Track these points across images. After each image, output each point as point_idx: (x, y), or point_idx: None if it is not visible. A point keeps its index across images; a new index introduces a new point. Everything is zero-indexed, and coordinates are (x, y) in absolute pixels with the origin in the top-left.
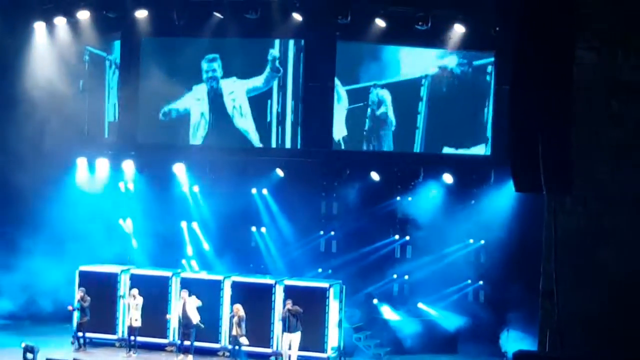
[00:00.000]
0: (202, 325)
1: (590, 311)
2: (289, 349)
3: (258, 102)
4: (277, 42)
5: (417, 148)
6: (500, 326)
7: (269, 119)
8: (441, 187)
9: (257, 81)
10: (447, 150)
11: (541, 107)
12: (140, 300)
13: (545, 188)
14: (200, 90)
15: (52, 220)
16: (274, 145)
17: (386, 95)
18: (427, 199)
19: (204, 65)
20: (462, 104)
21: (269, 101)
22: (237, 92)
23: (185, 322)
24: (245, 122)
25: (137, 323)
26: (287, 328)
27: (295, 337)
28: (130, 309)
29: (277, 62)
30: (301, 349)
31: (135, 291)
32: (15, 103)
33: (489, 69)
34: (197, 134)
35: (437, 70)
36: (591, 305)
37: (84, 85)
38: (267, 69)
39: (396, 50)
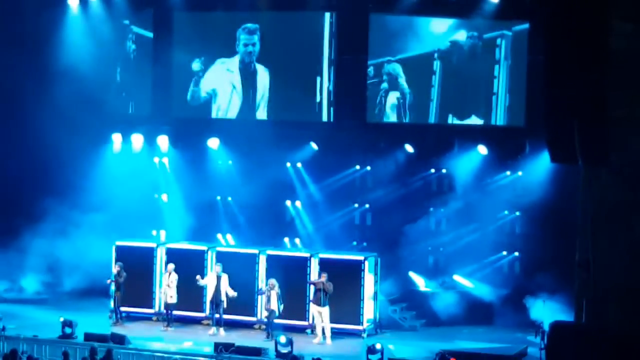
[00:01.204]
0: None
1: (625, 282)
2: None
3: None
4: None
5: (431, 119)
6: (536, 297)
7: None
8: (476, 159)
9: None
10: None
11: (576, 78)
12: (174, 277)
13: (580, 159)
14: (233, 63)
15: (90, 195)
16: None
17: (399, 69)
18: (462, 170)
19: (242, 36)
20: (473, 77)
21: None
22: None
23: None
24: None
25: (173, 300)
26: (316, 301)
27: (324, 311)
28: (164, 285)
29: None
30: (337, 321)
31: (170, 267)
32: (50, 78)
33: (498, 41)
34: (230, 108)
35: (449, 44)
36: (626, 276)
37: (124, 62)
38: None
39: (425, 22)
